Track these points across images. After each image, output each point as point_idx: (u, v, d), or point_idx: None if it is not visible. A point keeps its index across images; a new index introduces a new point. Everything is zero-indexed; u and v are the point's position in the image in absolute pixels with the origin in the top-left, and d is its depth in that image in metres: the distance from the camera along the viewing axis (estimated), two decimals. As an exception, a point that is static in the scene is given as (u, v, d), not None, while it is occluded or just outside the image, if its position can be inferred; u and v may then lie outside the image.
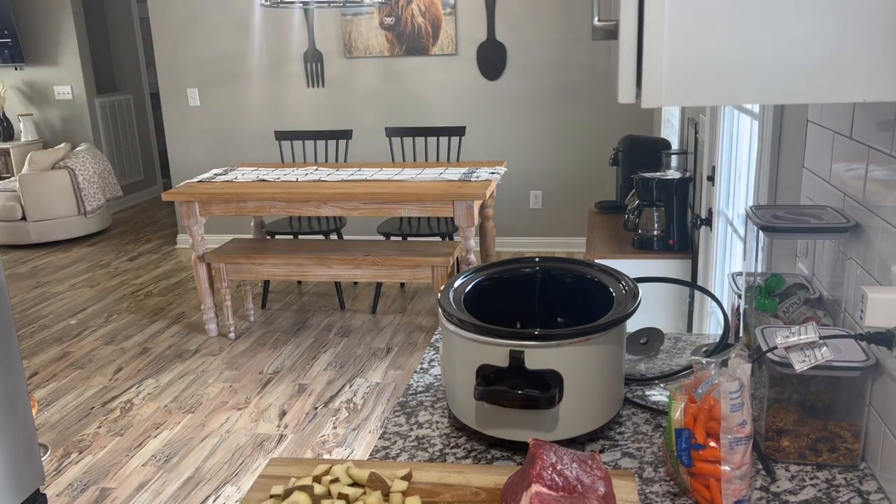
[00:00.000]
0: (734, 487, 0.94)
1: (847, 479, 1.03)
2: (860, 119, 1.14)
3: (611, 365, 1.14)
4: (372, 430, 3.11)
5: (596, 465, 0.92)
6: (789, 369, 1.01)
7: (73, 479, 2.82)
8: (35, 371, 3.78)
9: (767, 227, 1.17)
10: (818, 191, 1.35)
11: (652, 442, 1.14)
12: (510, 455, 1.12)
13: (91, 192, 6.21)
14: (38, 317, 4.54)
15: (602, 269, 1.27)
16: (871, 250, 1.08)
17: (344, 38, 5.28)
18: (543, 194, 5.43)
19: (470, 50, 5.22)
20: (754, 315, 1.24)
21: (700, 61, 0.84)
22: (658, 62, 0.84)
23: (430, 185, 3.74)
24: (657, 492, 1.02)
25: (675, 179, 3.04)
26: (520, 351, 1.06)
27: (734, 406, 0.92)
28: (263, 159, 5.57)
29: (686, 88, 0.85)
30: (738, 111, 2.47)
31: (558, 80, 5.19)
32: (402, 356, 3.81)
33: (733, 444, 0.93)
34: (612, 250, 3.16)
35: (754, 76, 0.84)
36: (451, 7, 5.15)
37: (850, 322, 1.14)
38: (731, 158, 2.58)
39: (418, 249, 3.89)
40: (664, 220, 3.08)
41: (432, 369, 1.42)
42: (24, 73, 6.75)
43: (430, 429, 1.21)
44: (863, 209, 1.12)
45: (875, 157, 1.08)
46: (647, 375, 1.35)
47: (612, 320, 1.10)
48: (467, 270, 1.29)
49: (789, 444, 1.07)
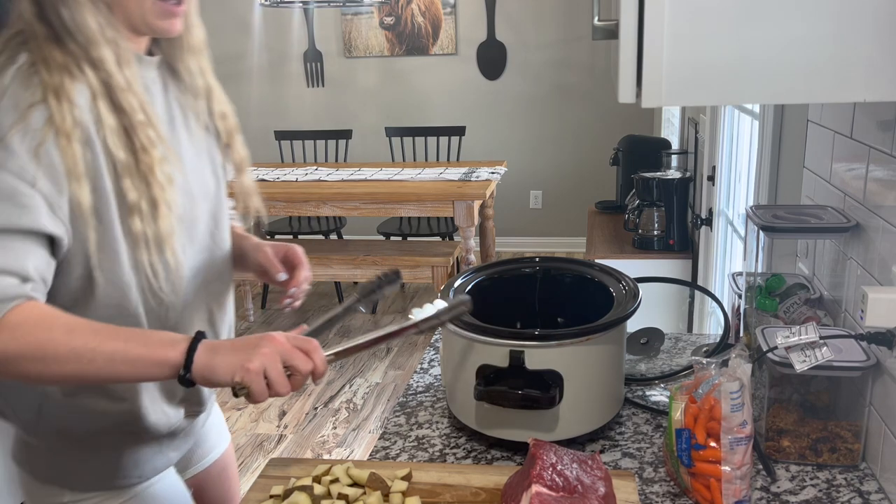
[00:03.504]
0: (734, 488, 0.94)
1: (847, 480, 1.03)
2: (860, 119, 1.14)
3: (611, 365, 1.14)
4: (372, 430, 3.11)
5: (596, 466, 0.92)
6: (790, 369, 1.01)
7: (72, 479, 2.82)
8: (35, 371, 3.78)
9: (768, 226, 1.17)
10: (819, 191, 1.35)
11: (652, 442, 1.14)
12: (510, 455, 1.12)
13: (91, 191, 6.20)
14: (37, 317, 4.54)
15: (602, 269, 1.27)
16: (872, 250, 1.08)
17: (344, 38, 5.28)
18: (543, 194, 5.43)
19: (470, 49, 5.22)
20: (755, 315, 1.24)
21: (700, 61, 0.84)
22: (658, 62, 0.84)
23: (430, 185, 3.74)
24: (657, 492, 1.02)
25: (676, 179, 3.04)
26: (520, 351, 1.06)
27: (735, 406, 0.92)
28: (263, 159, 5.56)
29: (686, 88, 0.85)
30: (738, 111, 2.47)
31: (558, 80, 5.19)
32: (402, 356, 3.81)
33: (734, 445, 0.93)
34: (613, 250, 3.15)
35: (755, 76, 0.84)
36: (451, 6, 5.15)
37: (851, 322, 1.14)
38: (731, 158, 2.58)
39: (418, 249, 3.88)
40: (664, 220, 3.08)
41: (432, 369, 1.42)
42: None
43: (430, 429, 1.20)
44: (863, 209, 1.12)
45: (875, 156, 1.08)
46: (648, 375, 1.35)
47: (612, 320, 1.10)
48: (467, 270, 1.29)
49: (790, 445, 1.07)
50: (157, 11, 0.98)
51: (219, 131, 1.16)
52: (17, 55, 0.93)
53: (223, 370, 0.87)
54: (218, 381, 0.87)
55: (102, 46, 0.94)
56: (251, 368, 0.86)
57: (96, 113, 0.94)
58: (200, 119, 1.13)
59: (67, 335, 0.86)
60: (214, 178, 1.15)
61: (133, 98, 0.97)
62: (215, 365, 0.87)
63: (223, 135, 1.17)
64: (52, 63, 0.92)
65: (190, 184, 1.07)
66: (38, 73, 0.91)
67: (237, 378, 0.86)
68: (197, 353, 0.87)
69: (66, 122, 0.90)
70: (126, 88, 0.96)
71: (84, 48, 0.93)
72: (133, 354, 0.87)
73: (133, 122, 0.96)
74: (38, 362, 0.85)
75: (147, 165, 0.97)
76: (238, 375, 0.86)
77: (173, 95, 1.09)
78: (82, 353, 0.86)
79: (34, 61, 0.92)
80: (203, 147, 1.13)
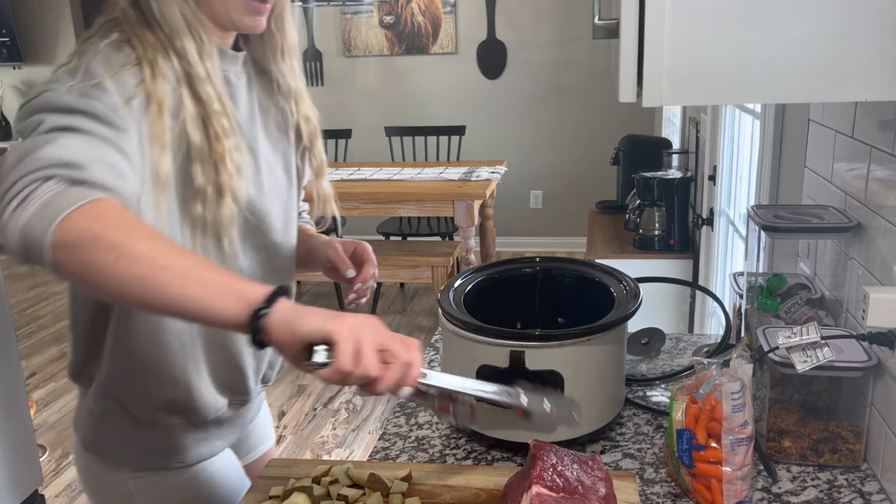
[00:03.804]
0: (735, 488, 0.93)
1: (849, 480, 1.03)
2: (862, 118, 1.14)
3: (612, 365, 1.14)
4: (371, 430, 3.11)
5: (597, 466, 0.91)
6: (791, 370, 1.00)
7: (71, 479, 2.82)
8: (33, 371, 3.78)
9: (769, 226, 1.17)
10: (820, 190, 1.34)
11: (653, 443, 1.13)
12: (510, 456, 1.12)
13: (90, 191, 6.20)
14: (36, 317, 4.54)
15: (603, 269, 1.26)
16: (873, 250, 1.08)
17: (343, 37, 5.28)
18: (543, 194, 5.43)
19: (470, 49, 5.21)
20: (756, 315, 1.24)
21: (701, 60, 0.83)
22: (659, 61, 0.83)
23: (429, 185, 3.74)
24: (658, 493, 1.01)
25: (677, 179, 3.03)
26: (520, 351, 1.06)
27: (736, 406, 0.91)
28: (263, 159, 5.56)
29: (687, 87, 0.85)
30: (739, 110, 2.47)
31: (559, 79, 5.19)
32: (401, 356, 3.81)
33: (735, 445, 0.92)
34: (613, 250, 3.15)
35: (756, 75, 0.83)
36: (451, 6, 5.15)
37: (852, 322, 1.13)
38: (732, 158, 2.58)
39: (418, 249, 3.88)
40: (665, 220, 3.08)
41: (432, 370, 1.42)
42: (22, 72, 6.74)
43: (430, 430, 1.20)
44: (864, 209, 1.12)
45: (877, 156, 1.07)
46: (649, 376, 1.35)
47: (612, 321, 1.10)
48: (467, 270, 1.29)
49: (791, 445, 1.07)
50: (242, 8, 0.99)
51: (300, 133, 1.17)
52: (110, 33, 0.96)
53: (312, 318, 0.77)
54: (301, 327, 0.77)
55: (186, 37, 0.96)
56: (344, 325, 0.77)
57: (179, 96, 0.96)
58: (284, 119, 1.15)
59: (152, 237, 0.80)
60: (287, 178, 1.16)
61: (211, 88, 0.98)
62: (303, 313, 0.78)
63: (305, 137, 1.18)
64: (144, 42, 0.95)
65: (261, 177, 1.09)
66: (132, 46, 0.95)
67: (327, 327, 0.76)
68: (281, 300, 0.79)
69: (157, 90, 0.93)
70: (205, 79, 0.98)
71: (169, 37, 0.96)
72: (211, 276, 0.79)
73: (209, 111, 0.98)
74: (112, 251, 0.77)
75: (219, 153, 0.98)
76: (329, 325, 0.76)
77: (256, 93, 1.12)
78: (159, 257, 0.78)
79: (128, 38, 0.96)
80: (279, 147, 1.15)
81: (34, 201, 0.78)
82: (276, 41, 1.11)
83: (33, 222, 0.77)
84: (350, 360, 0.76)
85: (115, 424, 1.10)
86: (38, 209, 0.77)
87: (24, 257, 0.79)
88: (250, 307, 0.77)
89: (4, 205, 0.78)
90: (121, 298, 0.82)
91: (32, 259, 0.78)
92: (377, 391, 0.79)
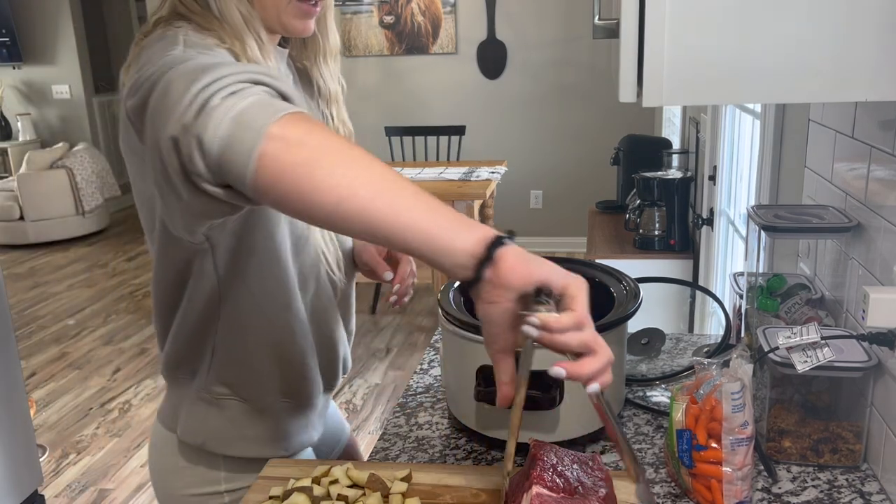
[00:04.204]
0: (735, 489, 0.93)
1: (849, 480, 1.03)
2: (862, 118, 1.14)
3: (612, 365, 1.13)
4: (371, 430, 3.10)
5: (597, 467, 0.91)
6: (791, 370, 1.00)
7: (71, 480, 2.82)
8: (33, 372, 3.78)
9: (769, 226, 1.17)
10: (820, 190, 1.34)
11: (653, 443, 1.13)
12: (510, 456, 1.12)
13: (89, 191, 6.21)
14: (36, 317, 4.54)
15: (603, 269, 1.26)
16: (873, 250, 1.08)
17: (343, 37, 5.28)
18: (543, 194, 5.43)
19: (470, 49, 5.22)
20: (756, 315, 1.24)
21: (701, 60, 0.83)
22: (659, 61, 0.83)
23: (429, 185, 3.74)
24: (658, 493, 1.01)
25: (677, 179, 3.04)
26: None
27: (736, 407, 0.91)
28: (263, 159, 5.56)
29: (687, 87, 0.85)
30: (739, 110, 2.47)
31: (559, 79, 5.19)
32: (401, 357, 3.80)
33: (735, 445, 0.92)
34: (613, 250, 3.15)
35: (756, 75, 0.83)
36: (450, 6, 5.15)
37: (852, 322, 1.13)
38: (732, 158, 2.58)
39: (418, 249, 3.88)
40: (665, 220, 3.08)
41: (432, 370, 1.42)
42: (21, 72, 6.75)
43: (430, 430, 1.20)
44: (865, 209, 1.11)
45: (877, 156, 1.07)
46: (649, 376, 1.35)
47: (612, 321, 1.10)
48: (467, 270, 1.28)
49: (791, 445, 1.07)
50: (294, 11, 0.98)
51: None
52: (176, 22, 0.93)
53: (548, 265, 0.73)
54: (538, 267, 0.72)
55: (247, 35, 0.95)
56: (580, 282, 0.73)
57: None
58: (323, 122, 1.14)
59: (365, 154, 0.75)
60: None
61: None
62: (536, 257, 0.74)
63: None
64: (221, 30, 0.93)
65: None
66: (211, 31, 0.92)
67: (567, 279, 0.73)
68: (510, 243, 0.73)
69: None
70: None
71: (235, 32, 0.95)
72: (438, 204, 0.75)
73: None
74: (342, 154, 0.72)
75: None
76: (569, 278, 0.73)
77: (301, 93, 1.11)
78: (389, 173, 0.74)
79: (200, 26, 0.93)
80: None
81: (248, 97, 0.71)
82: (319, 44, 1.10)
83: (253, 110, 0.70)
84: (582, 319, 0.72)
85: (225, 412, 1.09)
86: (256, 101, 0.71)
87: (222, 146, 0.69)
88: (485, 238, 0.72)
89: (212, 93, 0.70)
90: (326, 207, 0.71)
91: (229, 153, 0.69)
92: (583, 371, 0.74)
